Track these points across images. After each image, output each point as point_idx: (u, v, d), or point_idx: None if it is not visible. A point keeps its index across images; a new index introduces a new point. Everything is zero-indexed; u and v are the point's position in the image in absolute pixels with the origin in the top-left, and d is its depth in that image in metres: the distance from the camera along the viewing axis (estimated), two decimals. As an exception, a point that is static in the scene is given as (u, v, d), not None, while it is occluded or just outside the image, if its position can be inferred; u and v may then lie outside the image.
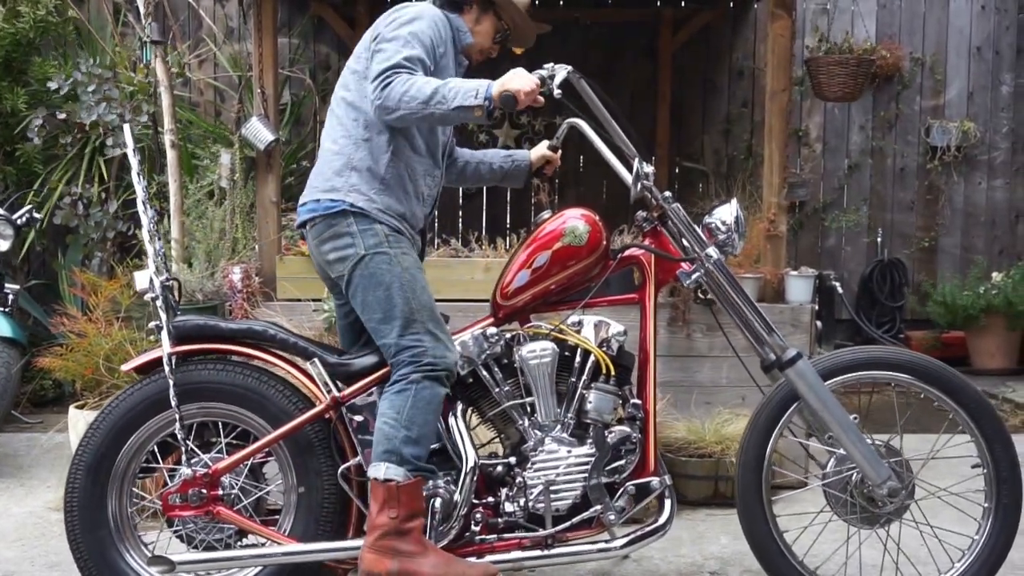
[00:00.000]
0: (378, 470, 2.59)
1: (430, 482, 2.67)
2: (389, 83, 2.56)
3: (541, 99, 2.60)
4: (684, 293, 4.27)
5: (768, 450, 2.79)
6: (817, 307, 4.54)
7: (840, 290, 6.65)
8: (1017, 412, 5.58)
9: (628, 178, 2.77)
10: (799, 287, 4.46)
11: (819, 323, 4.64)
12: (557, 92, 2.60)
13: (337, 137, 2.77)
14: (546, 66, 2.65)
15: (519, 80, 2.55)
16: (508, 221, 6.88)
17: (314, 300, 4.34)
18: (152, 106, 5.32)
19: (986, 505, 2.80)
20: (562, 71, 2.63)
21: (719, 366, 4.33)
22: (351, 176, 2.72)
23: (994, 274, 6.63)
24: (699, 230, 2.77)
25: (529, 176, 3.15)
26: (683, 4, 6.50)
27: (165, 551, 2.67)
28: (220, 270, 4.54)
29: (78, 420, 3.86)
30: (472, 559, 2.65)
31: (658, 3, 6.49)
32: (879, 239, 7.12)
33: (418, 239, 2.88)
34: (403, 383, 2.63)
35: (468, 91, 2.54)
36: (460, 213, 6.96)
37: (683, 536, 3.58)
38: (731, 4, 6.68)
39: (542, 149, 3.13)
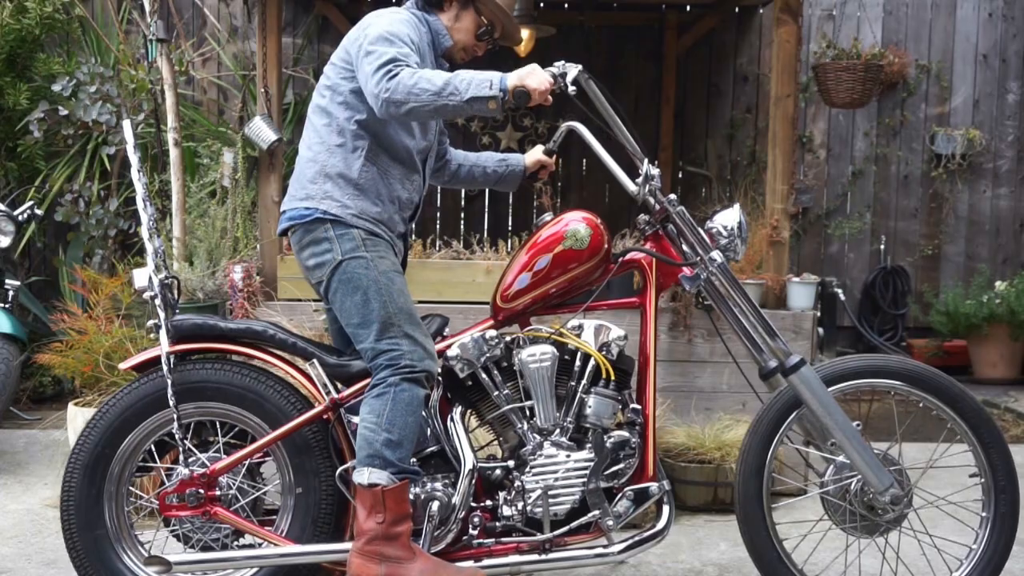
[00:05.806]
0: (362, 475, 2.58)
1: (428, 485, 2.66)
2: (395, 75, 2.49)
3: (550, 98, 2.59)
4: (686, 298, 4.26)
5: (769, 457, 2.77)
6: (819, 314, 4.53)
7: (842, 297, 6.66)
8: (1019, 422, 5.56)
9: (627, 182, 2.76)
10: (801, 293, 4.45)
11: (821, 330, 4.63)
12: (571, 89, 2.59)
13: (312, 143, 2.76)
14: (557, 64, 2.64)
15: (535, 77, 2.53)
16: (510, 223, 6.86)
17: (315, 300, 4.33)
18: (151, 104, 5.30)
19: (984, 514, 2.79)
20: (573, 70, 2.62)
21: (720, 371, 4.31)
22: (324, 183, 2.71)
23: (997, 283, 6.61)
24: (702, 234, 2.76)
25: (523, 180, 3.14)
26: (688, 8, 6.49)
27: (162, 550, 2.66)
28: (221, 269, 4.53)
29: (77, 417, 3.85)
30: (470, 563, 2.64)
31: (663, 7, 6.47)
32: (882, 246, 7.10)
33: (399, 244, 2.85)
34: (382, 386, 2.61)
35: (481, 82, 2.49)
36: (462, 215, 6.94)
37: (682, 542, 3.57)
38: (736, 9, 6.67)
39: (537, 153, 3.11)
